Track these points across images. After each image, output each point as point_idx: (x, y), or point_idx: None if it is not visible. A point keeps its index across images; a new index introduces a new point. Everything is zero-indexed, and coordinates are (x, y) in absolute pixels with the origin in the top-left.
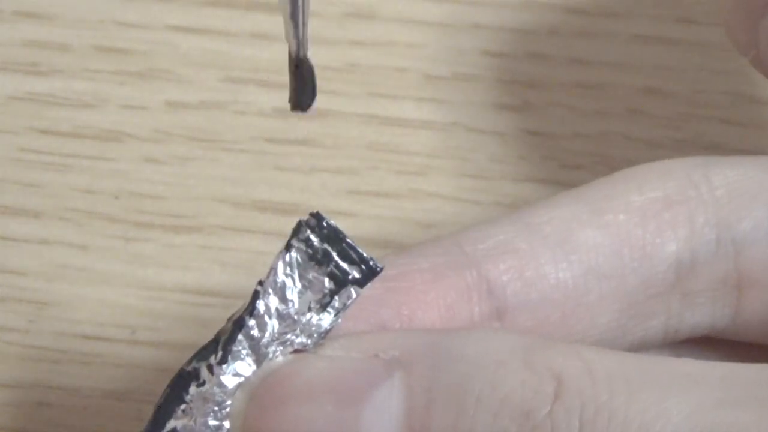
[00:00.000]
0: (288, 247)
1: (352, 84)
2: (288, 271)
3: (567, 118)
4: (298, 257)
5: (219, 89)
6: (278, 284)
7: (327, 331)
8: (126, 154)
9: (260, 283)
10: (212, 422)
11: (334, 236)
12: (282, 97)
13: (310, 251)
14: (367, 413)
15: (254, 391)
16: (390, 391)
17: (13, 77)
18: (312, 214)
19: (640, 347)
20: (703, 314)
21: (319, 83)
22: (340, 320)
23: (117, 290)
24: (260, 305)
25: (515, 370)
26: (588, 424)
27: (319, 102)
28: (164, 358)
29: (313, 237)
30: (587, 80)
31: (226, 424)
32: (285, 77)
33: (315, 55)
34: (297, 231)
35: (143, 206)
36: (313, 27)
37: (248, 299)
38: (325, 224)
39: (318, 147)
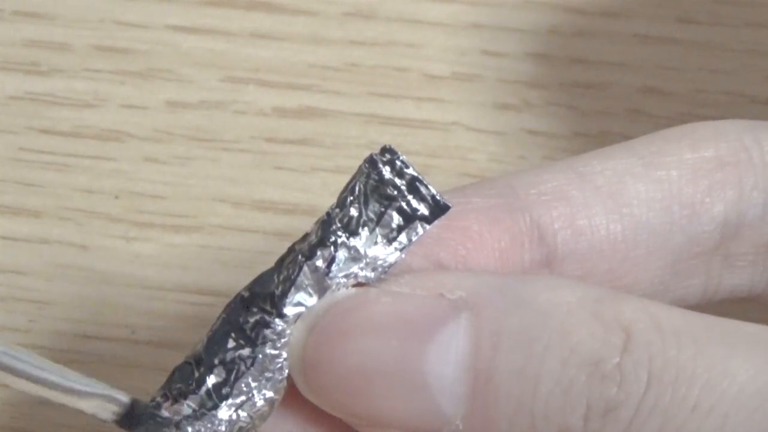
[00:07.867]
0: (358, 179)
1: (352, 84)
2: (357, 203)
3: (567, 118)
4: (368, 190)
5: (219, 89)
6: (347, 216)
7: (391, 266)
8: (126, 154)
9: (328, 214)
10: (270, 351)
11: (405, 171)
12: (282, 97)
13: (380, 185)
14: (433, 351)
15: (316, 321)
16: (456, 331)
17: (13, 77)
18: (384, 148)
19: (678, 305)
20: (742, 277)
21: (320, 83)
22: (403, 255)
23: (117, 290)
24: (329, 236)
25: (584, 320)
26: (656, 377)
27: (319, 102)
28: (164, 358)
29: (385, 171)
30: (587, 80)
31: (285, 353)
32: (285, 77)
33: (315, 55)
34: (369, 164)
35: (143, 206)
36: (314, 26)
37: (314, 228)
38: (397, 159)
39: (318, 147)
